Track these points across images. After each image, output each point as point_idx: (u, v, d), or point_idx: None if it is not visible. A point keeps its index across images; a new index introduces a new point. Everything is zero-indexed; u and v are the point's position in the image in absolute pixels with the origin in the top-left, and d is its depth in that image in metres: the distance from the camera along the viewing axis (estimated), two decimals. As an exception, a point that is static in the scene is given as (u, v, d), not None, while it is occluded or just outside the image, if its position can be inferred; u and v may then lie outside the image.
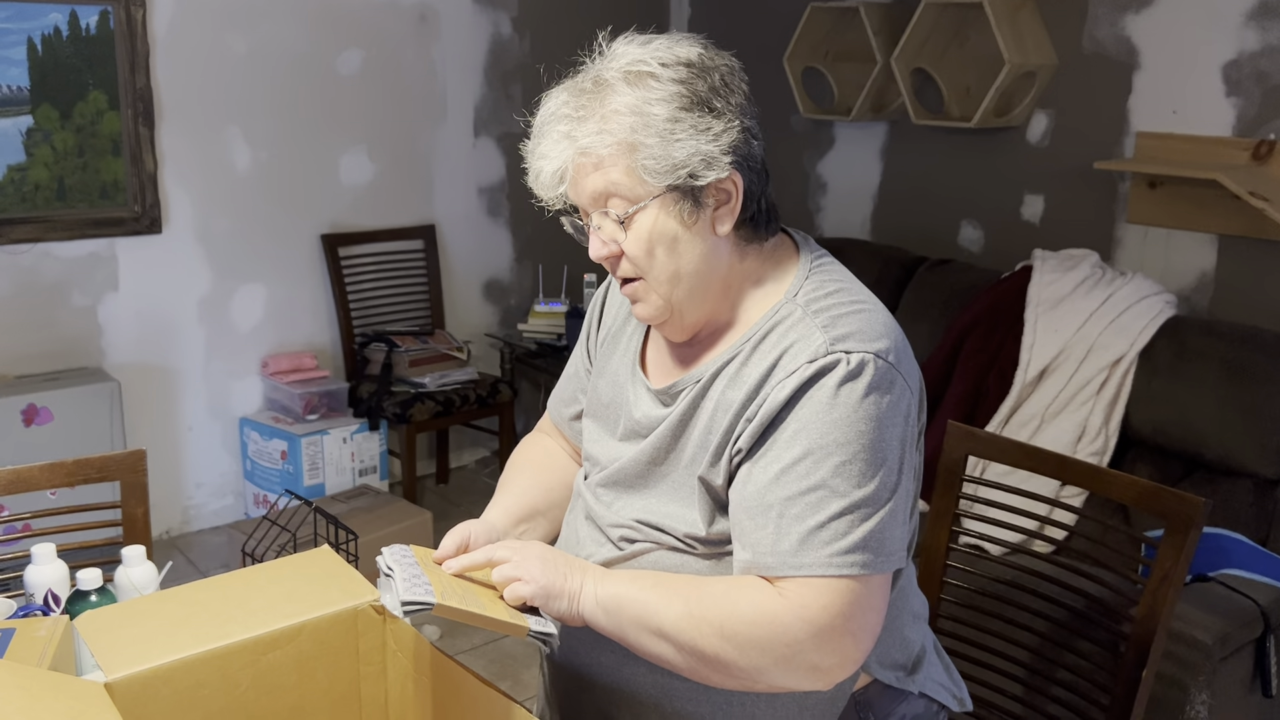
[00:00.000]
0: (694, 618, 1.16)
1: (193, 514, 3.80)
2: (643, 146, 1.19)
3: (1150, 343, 2.78)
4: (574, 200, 1.27)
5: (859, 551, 1.15)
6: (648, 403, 1.35)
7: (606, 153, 1.21)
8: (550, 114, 1.26)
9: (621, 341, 1.43)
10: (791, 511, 1.16)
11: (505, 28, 4.21)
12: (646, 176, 1.20)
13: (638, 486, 1.33)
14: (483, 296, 4.38)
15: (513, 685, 2.87)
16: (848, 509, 1.15)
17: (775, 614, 1.14)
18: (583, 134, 1.21)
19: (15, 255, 3.32)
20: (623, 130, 1.20)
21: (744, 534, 1.20)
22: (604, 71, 1.24)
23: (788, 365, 1.21)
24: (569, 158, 1.23)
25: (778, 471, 1.18)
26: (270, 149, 3.74)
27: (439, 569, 1.25)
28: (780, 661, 1.15)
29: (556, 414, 1.58)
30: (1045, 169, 3.47)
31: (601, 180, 1.22)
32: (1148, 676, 1.57)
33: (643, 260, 1.25)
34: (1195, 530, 1.52)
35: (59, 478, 1.78)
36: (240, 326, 3.78)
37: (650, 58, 1.22)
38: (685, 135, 1.20)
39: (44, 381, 3.28)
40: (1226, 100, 3.00)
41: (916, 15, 3.47)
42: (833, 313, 1.23)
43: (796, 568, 1.15)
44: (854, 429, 1.16)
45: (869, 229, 4.02)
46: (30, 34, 3.22)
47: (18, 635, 1.22)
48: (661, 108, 1.20)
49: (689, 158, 1.20)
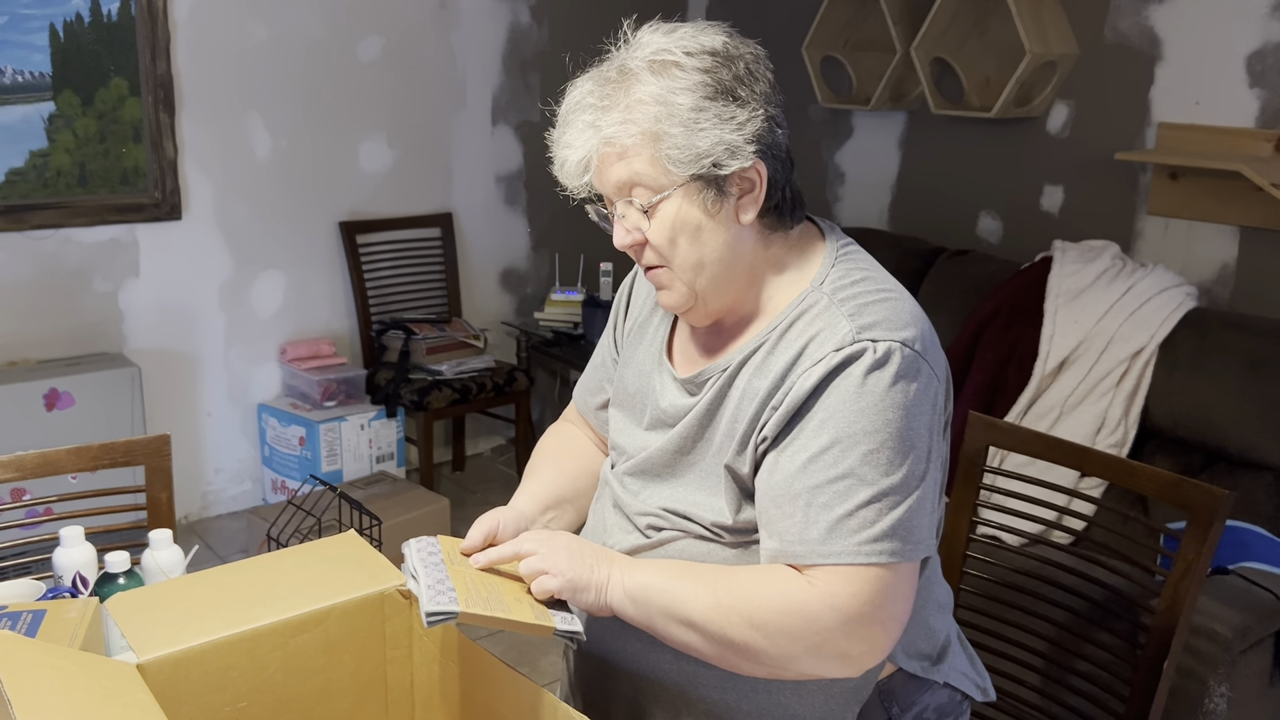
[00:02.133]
0: (723, 607, 1.17)
1: (211, 499, 3.82)
2: (667, 136, 1.19)
3: (1171, 335, 2.77)
4: (598, 189, 1.27)
5: (887, 540, 1.15)
6: (674, 392, 1.35)
7: (631, 142, 1.21)
8: (575, 103, 1.26)
9: (648, 332, 1.44)
10: (819, 500, 1.16)
11: (524, 16, 4.21)
12: (670, 166, 1.20)
13: (665, 475, 1.34)
14: (500, 285, 4.39)
15: (530, 671, 2.88)
16: (876, 497, 1.15)
17: (805, 602, 1.15)
18: (607, 123, 1.21)
19: (37, 241, 3.34)
20: (647, 120, 1.20)
21: (770, 522, 1.20)
22: (629, 60, 1.24)
23: (814, 353, 1.21)
24: (593, 147, 1.23)
25: (805, 460, 1.18)
26: (290, 136, 3.75)
27: (465, 561, 1.26)
28: (810, 649, 1.16)
29: (582, 403, 1.58)
30: (1065, 160, 3.45)
31: (626, 169, 1.22)
32: (1168, 669, 1.57)
33: (666, 249, 1.25)
34: (1219, 523, 1.52)
35: (84, 461, 1.80)
36: (259, 313, 3.80)
37: (675, 46, 1.22)
38: (709, 124, 1.20)
39: (65, 366, 3.30)
40: (1250, 91, 2.98)
41: (937, 4, 3.45)
42: (858, 301, 1.23)
43: (824, 556, 1.15)
44: (881, 417, 1.16)
45: (887, 219, 4.01)
46: (52, 20, 3.24)
47: (49, 616, 1.23)
48: (686, 97, 1.20)
49: (713, 147, 1.20)
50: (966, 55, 3.61)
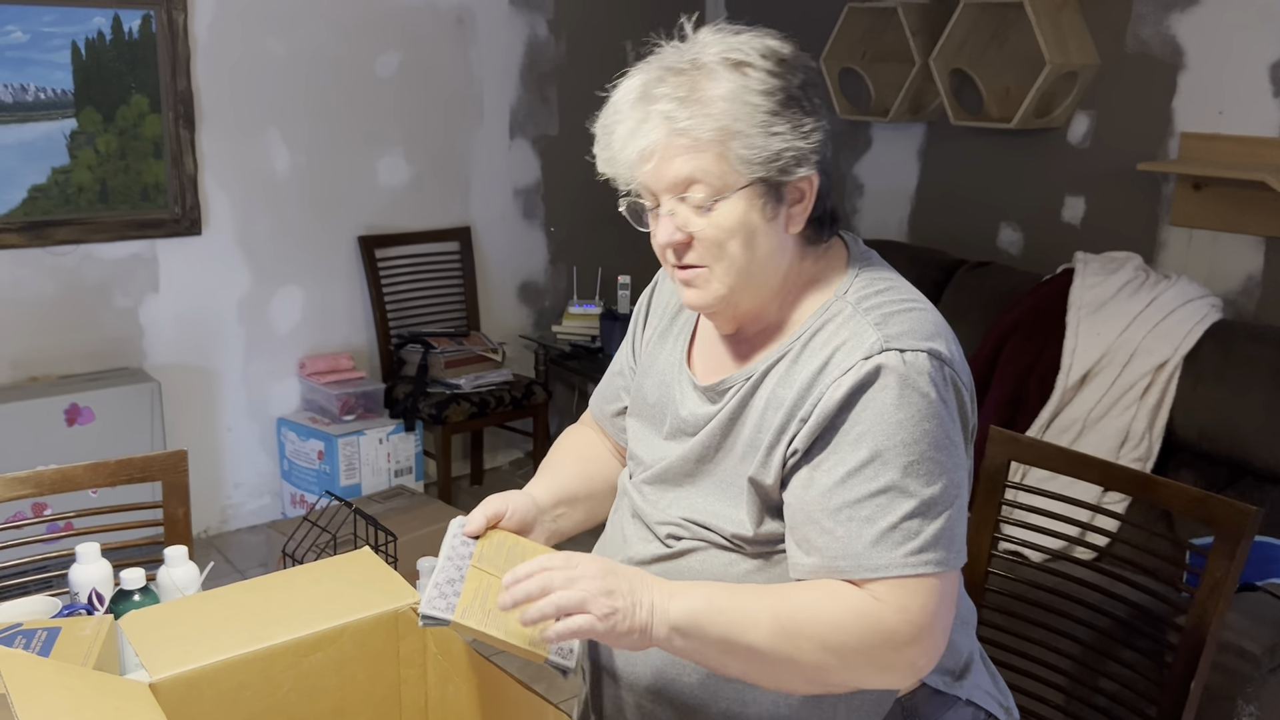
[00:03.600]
0: (789, 633, 1.14)
1: (231, 513, 3.83)
2: (741, 135, 1.17)
3: (1195, 347, 2.74)
4: (648, 182, 1.23)
5: (933, 549, 1.15)
6: (694, 400, 1.34)
7: (706, 137, 1.17)
8: (643, 91, 1.21)
9: (668, 341, 1.43)
10: (861, 514, 1.15)
11: (541, 30, 4.22)
12: (739, 165, 1.18)
13: (684, 484, 1.32)
14: (518, 298, 4.39)
15: (548, 688, 2.85)
16: (919, 509, 1.15)
17: (879, 619, 1.14)
18: (684, 116, 1.18)
19: (59, 257, 3.36)
20: (726, 117, 1.17)
21: (808, 539, 1.19)
22: (700, 55, 1.21)
23: (841, 362, 1.20)
24: (660, 137, 1.19)
25: (844, 474, 1.17)
26: (309, 151, 3.76)
27: (499, 561, 1.22)
28: (883, 665, 1.15)
29: (599, 411, 1.57)
30: (1087, 170, 3.42)
31: (690, 164, 1.19)
32: (1196, 688, 1.54)
33: (714, 249, 1.22)
34: (1246, 539, 1.49)
35: (102, 477, 1.80)
36: (278, 328, 3.81)
37: (746, 47, 1.21)
38: (783, 129, 1.19)
39: (86, 382, 3.32)
40: (1274, 101, 2.95)
41: (955, 15, 3.44)
42: (884, 310, 1.22)
43: (874, 570, 1.14)
44: (919, 428, 1.16)
45: (906, 231, 3.99)
46: (74, 38, 3.26)
47: (63, 634, 1.23)
48: (763, 99, 1.18)
49: (782, 152, 1.19)
50: (986, 66, 3.59)
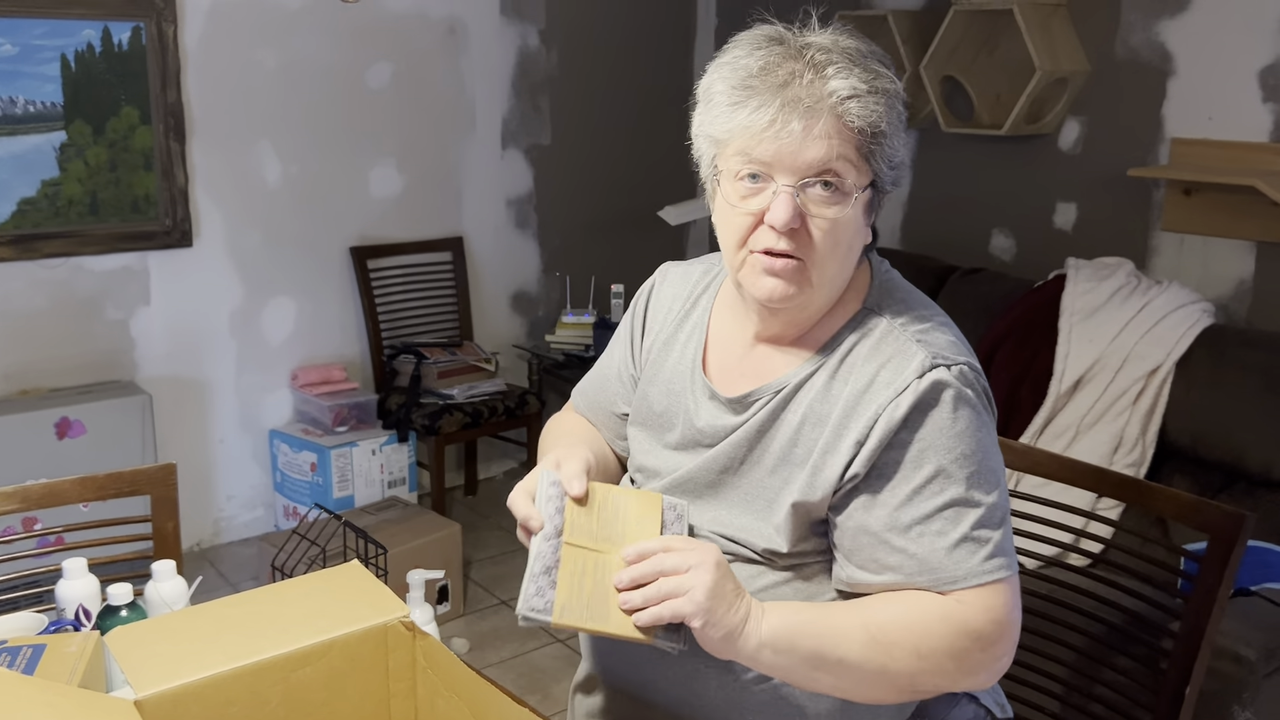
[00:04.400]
0: (881, 644, 1.14)
1: (223, 526, 3.81)
2: (888, 138, 1.18)
3: (1188, 352, 2.74)
4: (780, 155, 1.15)
5: (1003, 555, 1.17)
6: (713, 410, 1.32)
7: (869, 131, 1.15)
8: (819, 68, 1.14)
9: (675, 348, 1.40)
10: (933, 528, 1.16)
11: (533, 40, 4.22)
12: (874, 164, 1.18)
13: (707, 495, 1.31)
14: (510, 308, 4.38)
15: (542, 699, 2.86)
16: (985, 517, 1.17)
17: (966, 621, 1.15)
18: (871, 102, 1.15)
19: (49, 269, 3.35)
20: (887, 116, 1.17)
21: (877, 559, 1.19)
22: (848, 45, 1.18)
23: (891, 381, 1.20)
24: (828, 114, 1.14)
25: (909, 492, 1.17)
26: (300, 162, 3.76)
27: (588, 525, 1.20)
28: (971, 668, 1.17)
29: (590, 415, 1.54)
30: (1078, 176, 3.43)
31: (840, 151, 1.15)
32: (1191, 694, 1.53)
33: (825, 243, 1.19)
34: (1240, 545, 1.49)
35: (90, 491, 1.79)
36: (270, 339, 3.80)
37: (871, 54, 1.20)
38: (904, 140, 1.22)
39: (77, 395, 3.31)
40: (1264, 106, 2.95)
41: (945, 23, 3.45)
42: (920, 325, 1.24)
43: (953, 581, 1.16)
44: (975, 439, 1.18)
45: (899, 238, 3.99)
46: (64, 50, 3.26)
47: (49, 651, 1.22)
48: (903, 108, 1.20)
49: (902, 163, 1.22)
50: (976, 73, 3.60)
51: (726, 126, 1.18)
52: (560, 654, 3.09)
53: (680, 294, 1.43)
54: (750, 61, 1.17)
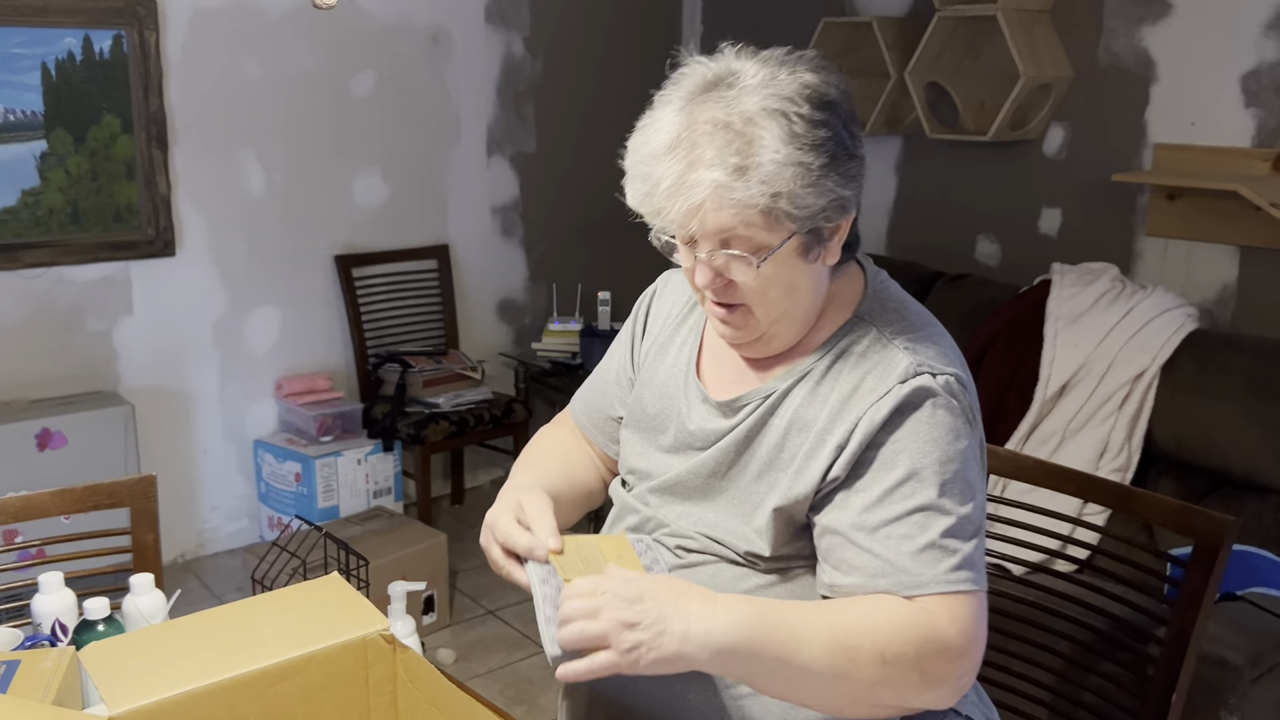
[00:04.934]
0: (846, 648, 1.11)
1: (208, 537, 3.79)
2: (792, 196, 1.14)
3: (1172, 357, 2.74)
4: (689, 229, 1.18)
5: (970, 568, 1.16)
6: (704, 414, 1.32)
7: (759, 204, 1.13)
8: (689, 143, 1.15)
9: (670, 352, 1.41)
10: (899, 531, 1.15)
11: (518, 48, 4.21)
12: (787, 221, 1.15)
13: (695, 498, 1.31)
14: (497, 316, 4.37)
15: (529, 710, 2.84)
16: (955, 527, 1.16)
17: (934, 628, 1.13)
18: (738, 186, 1.13)
19: (29, 279, 3.33)
20: (778, 181, 1.13)
21: (846, 560, 1.18)
22: (745, 104, 1.15)
23: (875, 386, 1.20)
24: (709, 197, 1.14)
25: (880, 494, 1.17)
26: (284, 171, 3.74)
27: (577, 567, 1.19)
28: (935, 680, 1.14)
29: (586, 419, 1.54)
30: (1062, 182, 3.44)
31: (734, 219, 1.15)
32: (1177, 700, 1.53)
33: (757, 295, 1.20)
34: (1225, 550, 1.48)
35: (69, 504, 1.77)
36: (254, 348, 3.78)
37: (796, 95, 1.15)
38: (832, 183, 1.16)
39: (58, 406, 3.28)
40: (1246, 111, 2.96)
41: (930, 29, 3.45)
42: (910, 333, 1.24)
43: (915, 586, 1.14)
44: (953, 447, 1.17)
45: (885, 244, 3.99)
46: (44, 59, 3.24)
47: (23, 667, 1.20)
48: (814, 156, 1.14)
49: (830, 204, 1.17)
50: (961, 79, 3.60)
51: (633, 199, 1.22)
52: (547, 664, 3.07)
53: (680, 299, 1.45)
54: (654, 134, 1.18)
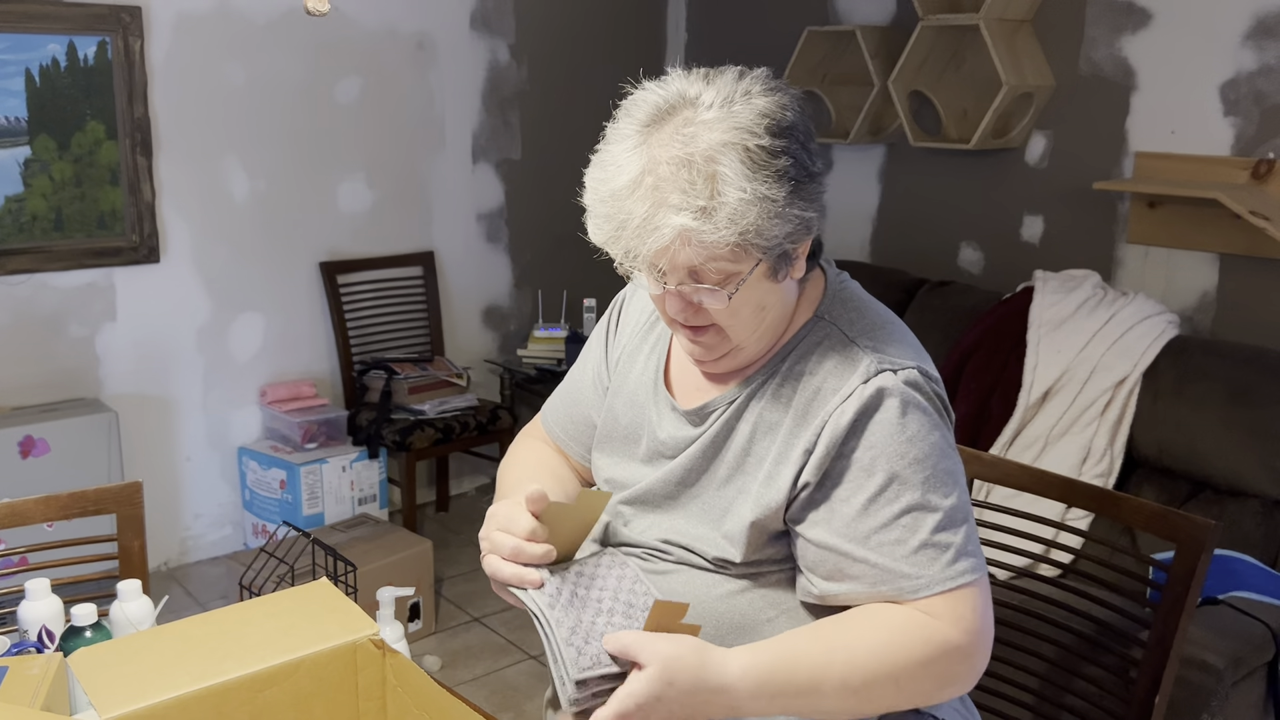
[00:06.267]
0: (862, 691, 1.12)
1: (191, 545, 3.77)
2: (759, 230, 1.13)
3: (1154, 363, 2.77)
4: (658, 265, 1.17)
5: (967, 557, 1.16)
6: (673, 423, 1.33)
7: (726, 242, 1.13)
8: (653, 184, 1.13)
9: (638, 361, 1.41)
10: (892, 536, 1.16)
11: (503, 54, 4.22)
12: (755, 251, 1.15)
13: (665, 506, 1.32)
14: (482, 323, 4.37)
15: (515, 717, 2.83)
16: (944, 520, 1.16)
17: (945, 639, 1.13)
18: (705, 229, 1.12)
19: (12, 286, 3.31)
20: (744, 219, 1.12)
21: (840, 570, 1.18)
22: (705, 140, 1.13)
23: (838, 387, 1.20)
24: (675, 240, 1.13)
25: (864, 502, 1.17)
26: (268, 178, 3.73)
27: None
28: (949, 680, 1.16)
29: (562, 431, 1.52)
30: (1044, 190, 3.46)
31: (701, 255, 1.14)
32: (1160, 703, 1.54)
33: (726, 319, 1.21)
34: (1206, 553, 1.50)
35: (53, 511, 1.76)
36: (238, 355, 3.77)
37: (754, 125, 1.13)
38: (798, 210, 1.16)
39: (41, 413, 3.26)
40: (1225, 120, 3.00)
41: (913, 38, 3.47)
42: (869, 333, 1.24)
43: (916, 590, 1.15)
44: (928, 442, 1.18)
45: (868, 251, 4.01)
46: (28, 65, 3.23)
47: (10, 673, 1.20)
48: (777, 188, 1.13)
49: (795, 229, 1.17)
50: (944, 88, 3.63)
51: (599, 237, 1.18)
52: (533, 670, 3.07)
53: (647, 309, 1.45)
54: (615, 174, 1.16)
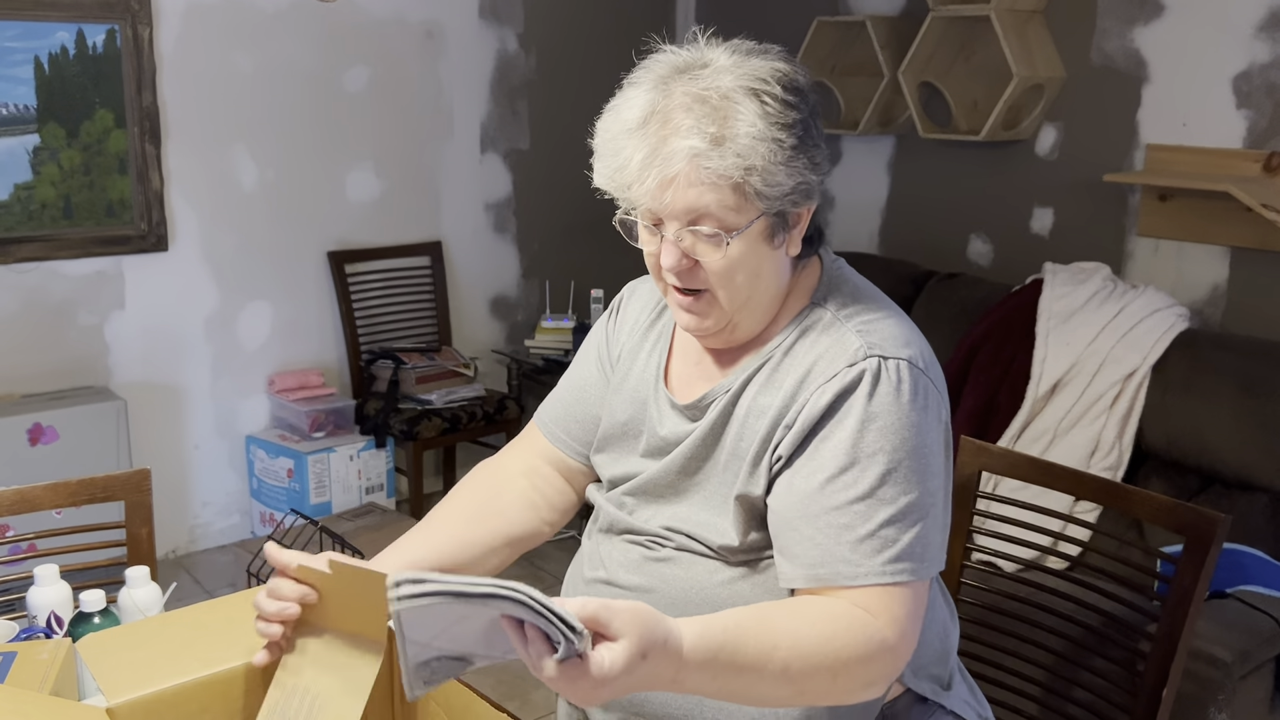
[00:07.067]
0: (796, 683, 1.08)
1: (199, 533, 3.78)
2: (764, 172, 1.14)
3: (1163, 356, 2.76)
4: (655, 207, 1.18)
5: (909, 559, 1.14)
6: (674, 419, 1.33)
7: (732, 176, 1.14)
8: (663, 115, 1.16)
9: (639, 357, 1.41)
10: (840, 521, 1.15)
11: (511, 44, 4.21)
12: (757, 201, 1.16)
13: (667, 496, 1.32)
14: (489, 313, 4.37)
15: (521, 705, 2.84)
16: (895, 516, 1.14)
17: (883, 639, 1.11)
18: (714, 155, 1.13)
19: (21, 274, 3.32)
20: (753, 155, 1.13)
21: (788, 546, 1.18)
22: (722, 82, 1.16)
23: (825, 369, 1.20)
24: (684, 169, 1.14)
25: (822, 480, 1.16)
26: (277, 166, 3.73)
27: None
28: (877, 680, 1.13)
29: (563, 430, 1.48)
30: (1054, 182, 3.45)
31: (708, 198, 1.15)
32: (1168, 697, 1.54)
33: (722, 279, 1.20)
34: (1215, 547, 1.49)
35: (62, 498, 1.77)
36: (247, 344, 3.77)
37: (769, 77, 1.17)
38: (801, 165, 1.17)
39: (50, 400, 3.27)
40: (1237, 112, 2.98)
41: (923, 29, 3.46)
42: (863, 318, 1.24)
43: (852, 578, 1.14)
44: (899, 435, 1.16)
45: (877, 243, 4.00)
46: (37, 53, 3.23)
47: (19, 658, 1.20)
48: (786, 134, 1.15)
49: (797, 187, 1.17)
50: (954, 79, 3.61)
51: (604, 176, 1.21)
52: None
53: (647, 306, 1.45)
54: (626, 110, 1.19)
